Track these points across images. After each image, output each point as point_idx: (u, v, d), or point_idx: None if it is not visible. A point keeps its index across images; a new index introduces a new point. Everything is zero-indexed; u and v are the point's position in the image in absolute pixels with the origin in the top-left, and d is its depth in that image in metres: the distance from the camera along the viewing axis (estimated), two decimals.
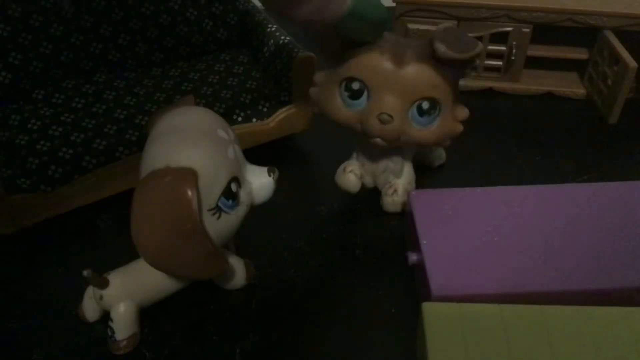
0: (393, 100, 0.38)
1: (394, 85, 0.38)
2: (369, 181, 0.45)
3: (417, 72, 0.37)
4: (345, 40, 0.38)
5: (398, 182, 0.44)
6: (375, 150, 0.42)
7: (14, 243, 0.42)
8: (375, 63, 0.38)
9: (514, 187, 0.41)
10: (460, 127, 0.40)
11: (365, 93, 0.39)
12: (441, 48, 0.36)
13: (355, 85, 0.39)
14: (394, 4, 0.56)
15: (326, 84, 0.40)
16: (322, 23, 0.34)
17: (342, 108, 0.40)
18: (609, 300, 0.34)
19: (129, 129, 0.44)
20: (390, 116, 0.38)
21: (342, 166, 0.44)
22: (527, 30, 0.56)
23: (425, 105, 0.38)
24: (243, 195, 0.34)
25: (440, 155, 0.49)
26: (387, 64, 0.37)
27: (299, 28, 0.36)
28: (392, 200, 0.44)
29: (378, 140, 0.39)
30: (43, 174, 0.41)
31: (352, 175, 0.44)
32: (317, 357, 0.36)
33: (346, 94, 0.39)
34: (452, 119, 0.40)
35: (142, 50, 0.51)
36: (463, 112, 0.40)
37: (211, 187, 0.32)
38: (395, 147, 0.41)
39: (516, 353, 0.30)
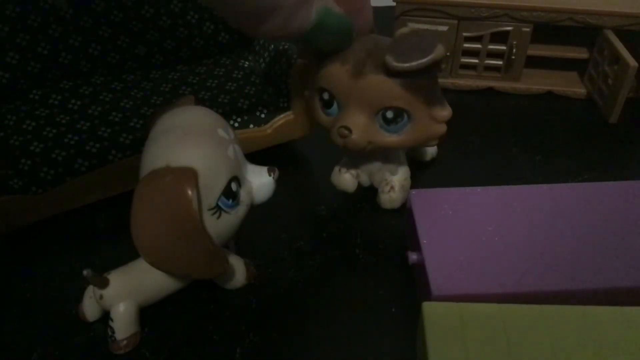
0: (355, 112, 0.38)
1: (355, 96, 0.37)
2: (365, 179, 0.44)
3: (375, 84, 0.36)
4: (312, 52, 0.38)
5: (394, 178, 0.43)
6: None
7: (14, 243, 0.42)
8: (337, 74, 0.37)
9: (515, 187, 0.41)
10: (441, 128, 0.39)
11: (336, 103, 0.39)
12: (391, 62, 0.35)
13: (325, 96, 0.39)
14: (394, 3, 0.56)
15: (311, 89, 0.41)
16: (287, 37, 0.34)
17: (321, 114, 0.41)
18: (609, 300, 0.34)
19: (123, 132, 0.44)
20: (349, 130, 0.37)
21: (337, 167, 0.45)
22: (528, 29, 0.56)
23: (390, 114, 0.37)
24: (243, 195, 0.34)
25: (432, 150, 0.49)
26: (347, 76, 0.37)
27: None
28: (389, 197, 0.44)
29: (346, 150, 0.39)
30: (35, 175, 0.41)
31: (348, 175, 0.44)
32: (317, 357, 0.35)
33: (320, 103, 0.40)
34: (428, 122, 0.38)
35: (141, 53, 0.50)
36: (442, 113, 0.38)
37: (211, 187, 0.32)
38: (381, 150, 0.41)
39: (516, 353, 0.30)
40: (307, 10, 0.33)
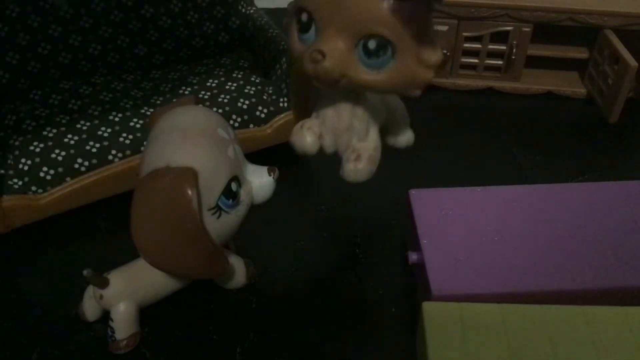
0: (334, 36, 0.33)
1: (337, 17, 0.32)
2: (328, 143, 0.39)
3: (362, 3, 0.32)
4: None
5: (362, 146, 0.38)
6: (336, 102, 0.37)
7: (14, 243, 0.42)
8: None
9: (515, 187, 0.41)
10: (428, 74, 0.34)
11: (313, 27, 0.34)
12: None
13: (304, 17, 0.34)
14: None
15: (289, 13, 0.36)
16: None
17: (296, 41, 0.35)
18: (609, 299, 0.34)
19: (123, 132, 0.44)
20: (322, 54, 0.32)
21: (299, 122, 0.39)
22: (528, 29, 0.56)
23: (372, 44, 0.32)
24: (243, 195, 0.34)
25: (407, 136, 0.44)
26: None
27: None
28: (354, 167, 0.37)
29: (315, 82, 0.34)
30: (35, 175, 0.41)
31: (310, 132, 0.38)
32: (317, 357, 0.35)
33: (297, 26, 0.35)
34: (415, 63, 0.33)
35: (141, 53, 0.50)
36: (433, 55, 0.33)
37: (211, 187, 0.32)
38: (355, 100, 0.37)
39: (516, 352, 0.30)
40: None
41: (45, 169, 0.41)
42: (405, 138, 0.44)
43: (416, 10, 0.32)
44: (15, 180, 0.41)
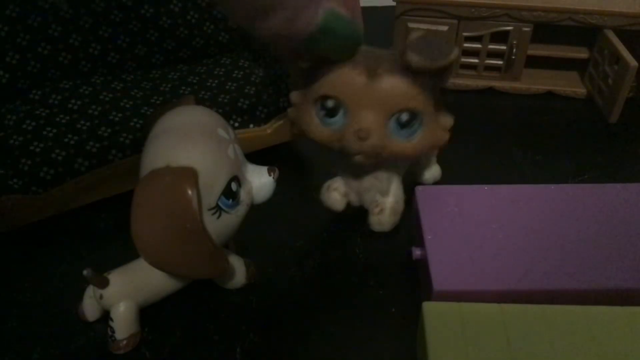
0: (370, 115, 0.36)
1: (369, 99, 0.36)
2: (354, 199, 0.43)
3: (392, 84, 0.36)
4: (316, 58, 0.37)
5: (385, 200, 0.42)
6: (358, 168, 0.40)
7: (14, 243, 0.42)
8: (348, 78, 0.36)
9: (520, 186, 0.41)
10: (446, 136, 0.38)
11: (342, 110, 0.37)
12: (414, 58, 0.34)
13: (330, 104, 0.37)
14: (394, 3, 0.56)
15: (302, 103, 0.39)
16: (290, 39, 0.32)
17: (320, 127, 0.38)
18: (610, 300, 0.34)
19: (123, 132, 0.44)
20: (369, 132, 0.36)
21: (326, 184, 0.43)
22: (528, 29, 0.56)
23: (405, 117, 0.37)
24: (243, 195, 0.34)
25: (434, 172, 0.47)
26: (360, 79, 0.36)
27: (270, 43, 0.34)
28: (378, 220, 0.42)
29: (358, 157, 0.37)
30: (35, 175, 0.41)
31: (336, 193, 0.43)
32: (317, 357, 0.35)
33: (322, 112, 0.38)
34: (436, 129, 0.38)
35: (141, 53, 0.50)
36: (448, 120, 0.38)
37: (211, 187, 0.32)
38: (379, 164, 0.40)
39: (517, 352, 0.30)
40: (313, 11, 0.32)
41: (45, 169, 0.41)
42: (431, 174, 0.47)
43: (435, 83, 0.37)
44: (15, 180, 0.41)
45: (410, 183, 0.45)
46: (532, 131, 0.55)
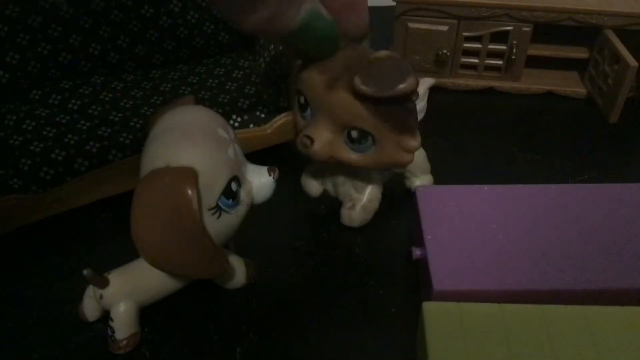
0: (322, 123, 0.37)
1: (325, 107, 0.36)
2: (330, 189, 0.43)
3: (343, 100, 0.35)
4: (296, 53, 0.37)
5: (359, 197, 0.42)
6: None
7: (14, 243, 0.42)
8: (312, 81, 0.36)
9: (520, 186, 0.41)
10: (407, 157, 0.37)
11: (309, 109, 0.38)
12: (360, 86, 0.34)
13: (302, 99, 0.38)
14: (394, 3, 0.56)
15: (292, 90, 0.40)
16: (272, 34, 0.33)
17: (297, 117, 0.40)
18: (609, 299, 0.34)
19: (123, 132, 0.44)
20: (311, 140, 0.37)
21: (307, 167, 0.44)
22: (528, 29, 0.56)
23: (354, 134, 0.37)
24: (243, 195, 0.34)
25: (422, 181, 0.46)
26: (321, 85, 0.36)
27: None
28: (348, 214, 0.42)
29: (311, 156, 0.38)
30: (35, 175, 0.41)
31: (314, 179, 0.43)
32: (317, 357, 0.35)
33: (297, 104, 0.39)
34: (394, 149, 0.37)
35: (141, 53, 0.50)
36: (411, 143, 0.36)
37: (211, 187, 0.32)
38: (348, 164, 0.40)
39: (517, 352, 0.30)
40: (295, 8, 0.32)
41: (45, 169, 0.41)
42: (421, 183, 0.46)
43: (393, 108, 0.35)
44: (15, 180, 0.41)
45: (402, 187, 0.46)
46: (532, 131, 0.55)
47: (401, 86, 0.33)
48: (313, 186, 0.43)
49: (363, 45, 0.37)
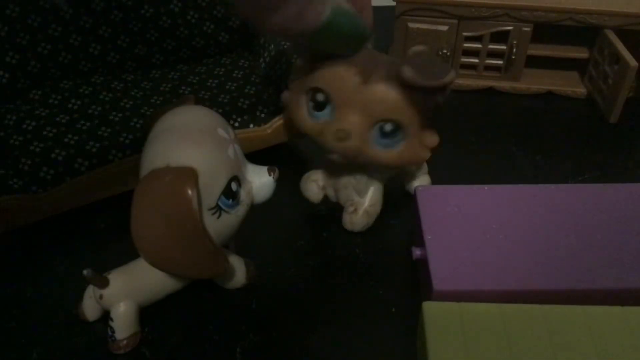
0: (355, 117, 0.36)
1: (357, 102, 0.36)
2: (331, 194, 0.43)
3: (382, 92, 0.36)
4: (319, 52, 0.37)
5: (360, 201, 0.42)
6: (336, 164, 0.40)
7: (14, 243, 0.42)
8: (341, 76, 0.36)
9: (521, 186, 0.41)
10: (426, 154, 0.39)
11: (329, 106, 0.37)
12: (408, 72, 0.34)
13: (320, 97, 0.37)
14: (394, 3, 0.56)
15: (296, 90, 0.39)
16: (297, 34, 0.33)
17: (305, 116, 0.39)
18: (609, 299, 0.34)
19: (123, 132, 0.44)
20: (349, 134, 0.37)
21: (306, 174, 0.44)
22: (528, 29, 0.56)
23: (388, 127, 0.37)
24: (243, 195, 0.34)
25: (423, 183, 0.46)
26: (353, 79, 0.36)
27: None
28: (350, 219, 0.42)
29: (334, 156, 0.38)
30: (35, 175, 0.41)
31: (314, 185, 0.43)
32: (317, 357, 0.35)
33: (311, 104, 0.38)
34: (417, 145, 0.38)
35: (141, 52, 0.50)
36: (432, 140, 0.38)
37: (211, 187, 0.32)
38: (357, 165, 0.40)
39: (517, 352, 0.30)
40: (320, 7, 0.32)
41: (45, 169, 0.41)
42: (417, 184, 0.46)
43: (427, 100, 0.36)
44: (15, 180, 0.41)
45: (401, 187, 0.46)
46: (532, 131, 0.55)
47: (447, 78, 0.34)
48: (313, 192, 0.43)
49: (366, 46, 0.37)
